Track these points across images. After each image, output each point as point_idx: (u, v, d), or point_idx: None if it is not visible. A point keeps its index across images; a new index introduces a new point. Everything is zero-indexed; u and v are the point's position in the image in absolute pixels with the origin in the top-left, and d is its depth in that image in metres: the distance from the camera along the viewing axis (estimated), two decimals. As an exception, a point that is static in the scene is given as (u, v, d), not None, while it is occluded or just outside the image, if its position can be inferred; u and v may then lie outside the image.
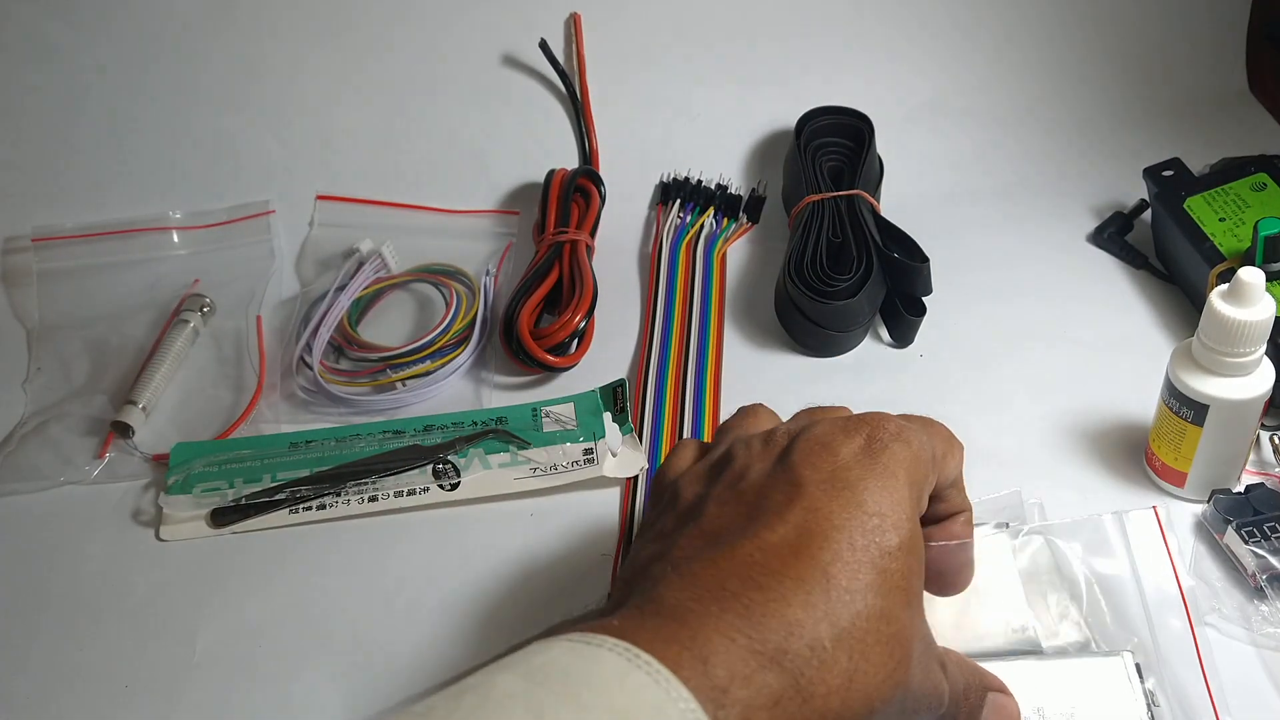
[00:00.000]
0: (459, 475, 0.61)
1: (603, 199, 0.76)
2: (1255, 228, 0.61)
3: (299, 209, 0.78)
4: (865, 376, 0.67)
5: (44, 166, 0.78)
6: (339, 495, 0.60)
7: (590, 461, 0.61)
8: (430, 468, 0.61)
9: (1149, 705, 0.47)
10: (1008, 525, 0.53)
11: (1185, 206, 0.67)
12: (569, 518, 0.60)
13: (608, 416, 0.63)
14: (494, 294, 0.72)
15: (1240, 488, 0.56)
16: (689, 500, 0.43)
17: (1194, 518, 0.56)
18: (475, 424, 0.63)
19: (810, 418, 0.45)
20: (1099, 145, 0.80)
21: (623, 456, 0.61)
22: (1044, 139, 0.81)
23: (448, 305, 0.71)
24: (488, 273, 0.72)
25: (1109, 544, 0.52)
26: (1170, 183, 0.69)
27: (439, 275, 0.74)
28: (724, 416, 0.64)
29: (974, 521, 0.47)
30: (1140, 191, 0.72)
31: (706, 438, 0.62)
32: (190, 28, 0.78)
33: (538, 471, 0.61)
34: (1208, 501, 0.55)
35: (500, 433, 0.62)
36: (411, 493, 0.60)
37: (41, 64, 0.78)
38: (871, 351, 0.68)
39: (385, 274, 0.74)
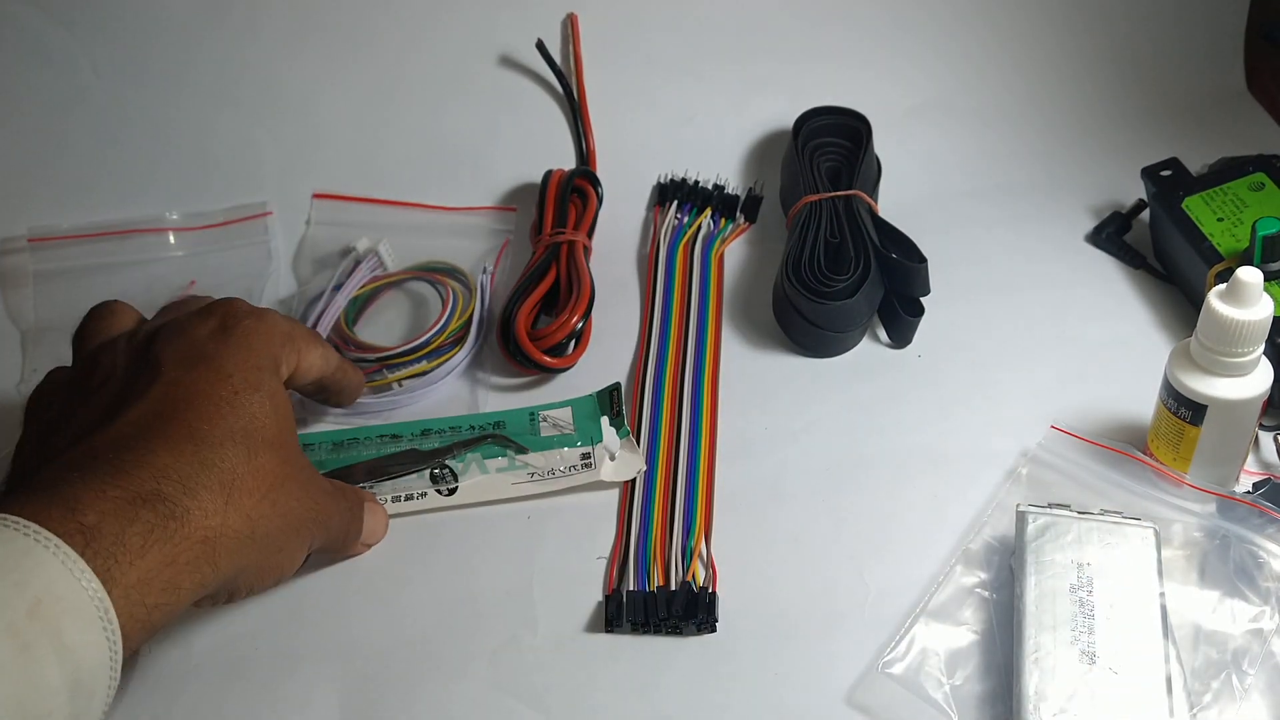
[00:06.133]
0: (456, 480, 0.61)
1: (600, 199, 0.75)
2: (1253, 227, 0.61)
3: (296, 208, 0.78)
4: (863, 377, 0.66)
5: (41, 167, 0.78)
6: None
7: (588, 465, 0.61)
8: (428, 473, 0.61)
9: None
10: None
11: (1183, 206, 0.67)
12: (567, 521, 0.60)
13: (605, 420, 0.63)
14: (491, 292, 0.71)
15: (1248, 486, 0.56)
16: (57, 414, 0.48)
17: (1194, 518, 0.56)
18: (473, 428, 0.63)
19: (170, 313, 0.52)
20: (1097, 145, 0.80)
21: (620, 460, 0.61)
22: (1042, 139, 0.81)
23: (444, 303, 0.71)
24: (485, 270, 0.72)
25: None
26: (1168, 182, 0.69)
27: (435, 273, 0.74)
28: (722, 418, 0.64)
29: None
30: (1138, 191, 0.72)
31: (704, 442, 0.62)
32: (187, 29, 0.78)
33: (535, 476, 0.61)
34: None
35: (498, 437, 0.62)
36: (409, 497, 0.60)
37: (39, 65, 0.77)
38: (869, 352, 0.68)
39: (382, 272, 0.73)
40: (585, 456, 0.61)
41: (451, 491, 0.61)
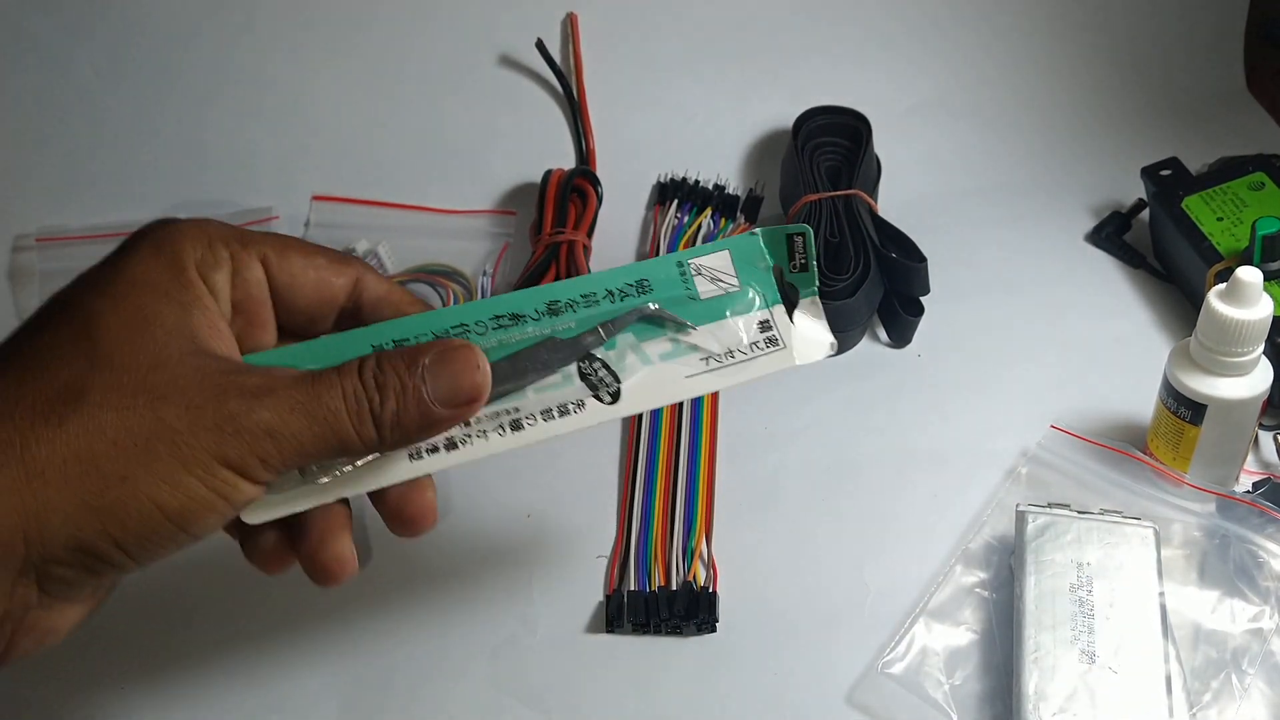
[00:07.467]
0: (619, 381, 0.44)
1: (600, 199, 0.75)
2: (1253, 227, 0.61)
3: (295, 210, 0.78)
4: (863, 377, 0.66)
5: (51, 167, 0.78)
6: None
7: (772, 341, 0.45)
8: (576, 373, 0.44)
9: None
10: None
11: (1183, 206, 0.67)
12: (567, 520, 0.60)
13: (778, 272, 0.46)
14: (492, 294, 0.71)
15: (1248, 486, 0.56)
16: None
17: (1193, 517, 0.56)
18: (610, 294, 0.45)
19: None
20: (1097, 144, 0.80)
21: (804, 328, 0.46)
22: (1042, 138, 0.81)
23: (445, 305, 0.71)
24: (485, 273, 0.72)
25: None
26: (1168, 182, 0.69)
27: (436, 275, 0.74)
28: (722, 418, 0.64)
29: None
30: (1138, 191, 0.72)
31: (704, 442, 0.62)
32: (185, 30, 0.78)
33: (712, 362, 0.44)
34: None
35: (652, 314, 0.45)
36: (564, 411, 0.43)
37: (50, 67, 0.77)
38: (869, 351, 0.68)
39: (381, 274, 0.73)
40: (764, 327, 0.45)
41: (615, 396, 0.44)
